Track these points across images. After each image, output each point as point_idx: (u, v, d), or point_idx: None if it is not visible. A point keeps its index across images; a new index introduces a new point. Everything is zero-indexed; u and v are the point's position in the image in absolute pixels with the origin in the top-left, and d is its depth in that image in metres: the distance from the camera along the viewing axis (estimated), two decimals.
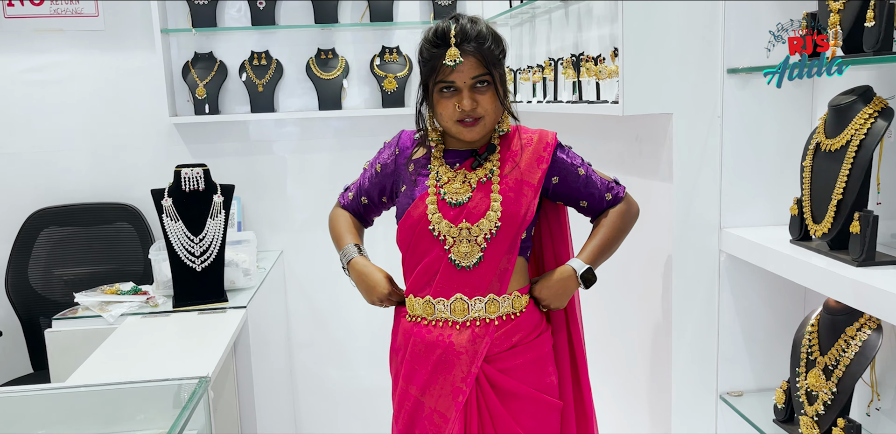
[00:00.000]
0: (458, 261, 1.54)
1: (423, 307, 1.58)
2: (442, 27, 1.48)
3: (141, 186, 2.92)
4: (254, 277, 2.48)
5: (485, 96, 1.50)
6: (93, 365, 1.83)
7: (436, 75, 1.49)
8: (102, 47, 2.90)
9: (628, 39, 1.68)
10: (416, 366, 1.57)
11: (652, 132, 1.84)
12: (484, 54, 1.47)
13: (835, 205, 1.39)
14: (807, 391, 1.47)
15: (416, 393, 1.57)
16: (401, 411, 1.62)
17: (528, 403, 1.56)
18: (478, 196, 1.54)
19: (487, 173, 1.56)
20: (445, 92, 1.50)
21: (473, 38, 1.47)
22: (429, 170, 1.58)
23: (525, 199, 1.54)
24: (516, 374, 1.56)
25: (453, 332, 1.54)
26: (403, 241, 1.60)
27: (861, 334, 1.39)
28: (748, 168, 1.73)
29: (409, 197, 1.59)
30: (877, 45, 1.24)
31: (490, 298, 1.54)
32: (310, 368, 3.22)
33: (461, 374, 1.52)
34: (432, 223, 1.54)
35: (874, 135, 1.34)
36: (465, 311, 1.54)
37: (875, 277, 1.27)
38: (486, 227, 1.52)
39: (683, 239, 1.76)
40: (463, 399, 1.52)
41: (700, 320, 1.79)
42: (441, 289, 1.55)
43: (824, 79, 1.68)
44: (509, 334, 1.56)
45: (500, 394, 1.55)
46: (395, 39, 3.05)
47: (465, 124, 1.51)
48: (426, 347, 1.56)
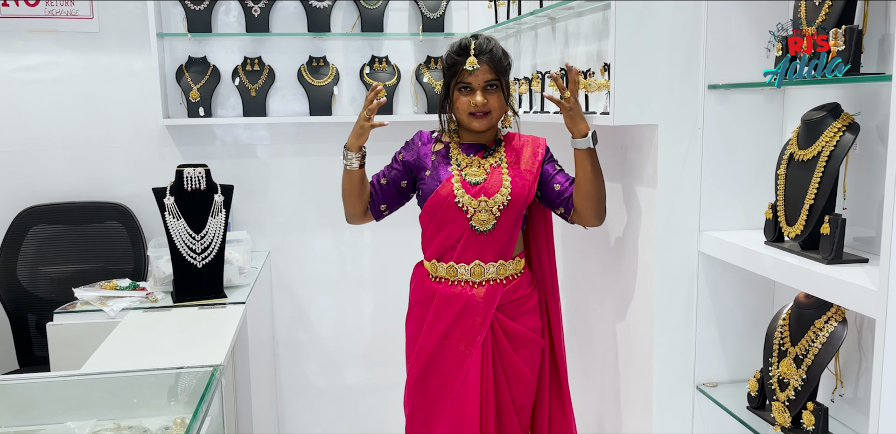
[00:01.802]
0: (477, 226, 1.95)
1: (447, 270, 1.99)
2: (464, 41, 1.92)
3: (132, 187, 2.98)
4: (248, 275, 2.56)
5: (493, 96, 1.94)
6: (103, 355, 1.88)
7: (457, 77, 1.92)
8: (96, 49, 2.95)
9: (619, 55, 1.82)
10: (440, 314, 1.98)
11: (638, 142, 1.99)
12: (495, 64, 1.92)
13: (807, 209, 1.54)
14: (779, 379, 1.62)
15: (437, 338, 1.98)
16: (418, 360, 2.02)
17: (525, 341, 2.01)
18: (492, 177, 1.97)
19: (497, 160, 2.00)
20: (463, 90, 1.93)
21: (488, 51, 1.91)
22: (449, 158, 2.00)
23: (527, 183, 1.98)
24: (520, 320, 2.01)
25: (472, 288, 1.98)
26: (430, 214, 1.98)
27: (828, 326, 1.54)
28: (725, 176, 1.88)
29: (436, 179, 1.98)
30: (847, 66, 1.40)
31: (500, 263, 1.98)
32: (293, 367, 3.28)
33: (480, 319, 1.96)
34: (458, 197, 1.94)
35: (842, 147, 1.49)
36: (482, 273, 1.97)
37: (843, 273, 1.42)
38: (499, 200, 1.95)
39: (665, 241, 1.90)
40: (481, 339, 1.96)
41: (679, 316, 1.94)
42: (462, 255, 1.96)
43: (794, 95, 1.85)
44: (514, 289, 2.00)
45: (508, 335, 1.99)
46: (385, 49, 3.16)
47: (476, 117, 1.94)
48: (451, 298, 1.97)
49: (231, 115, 3.07)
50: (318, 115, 3.06)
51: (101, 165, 3.00)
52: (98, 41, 2.95)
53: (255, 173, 3.14)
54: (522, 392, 2.03)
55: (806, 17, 1.55)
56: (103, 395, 1.69)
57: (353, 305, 3.31)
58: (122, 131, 3.01)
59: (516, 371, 2.00)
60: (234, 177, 3.05)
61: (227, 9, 3.02)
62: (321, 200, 3.18)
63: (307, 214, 3.20)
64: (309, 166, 3.17)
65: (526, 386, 2.03)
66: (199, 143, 3.07)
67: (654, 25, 1.83)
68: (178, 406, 1.65)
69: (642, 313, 2.01)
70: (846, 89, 1.64)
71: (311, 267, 3.23)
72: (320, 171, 3.17)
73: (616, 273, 2.16)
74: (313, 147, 3.17)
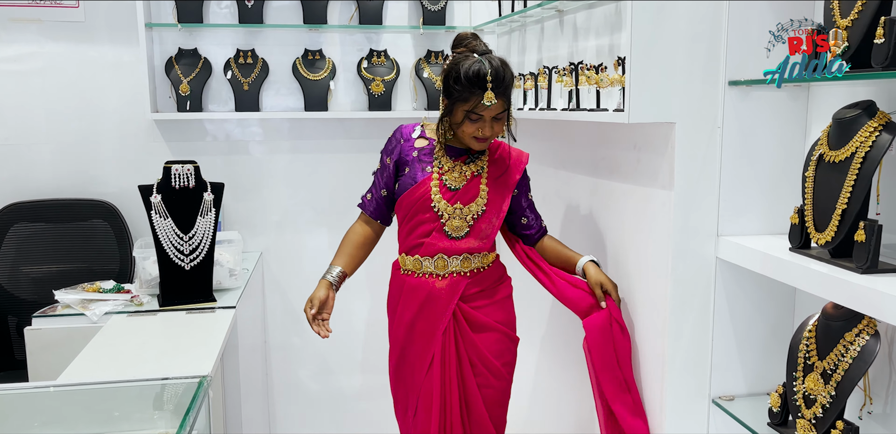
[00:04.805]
0: (450, 232, 1.98)
1: (412, 263, 2.02)
2: (481, 70, 1.86)
3: (118, 183, 2.87)
4: (239, 278, 2.45)
5: (499, 123, 1.95)
6: (82, 364, 1.77)
7: (469, 106, 1.88)
8: (82, 39, 2.84)
9: (635, 49, 1.72)
10: (407, 306, 2.03)
11: (653, 141, 1.88)
12: (508, 97, 1.92)
13: (839, 214, 1.44)
14: (804, 395, 1.52)
15: (405, 329, 2.02)
16: (393, 350, 2.08)
17: (494, 334, 2.04)
18: (470, 185, 1.99)
19: (478, 169, 2.02)
20: (473, 117, 1.91)
21: (503, 85, 1.88)
22: (433, 158, 2.00)
23: (502, 194, 2.02)
24: (484, 311, 2.03)
25: (436, 280, 2.00)
26: (404, 209, 2.00)
27: (859, 340, 1.44)
28: (746, 177, 1.78)
29: (412, 178, 1.99)
30: (885, 61, 1.30)
31: (464, 256, 2.00)
32: (286, 372, 3.18)
33: (441, 309, 1.99)
34: (434, 201, 1.96)
35: (879, 147, 1.39)
36: (445, 266, 1.99)
37: (879, 283, 1.32)
38: (474, 209, 1.98)
39: (681, 246, 1.80)
40: (443, 328, 1.98)
41: (695, 325, 1.84)
42: (427, 250, 1.99)
43: (820, 92, 1.76)
44: (478, 281, 2.02)
45: (472, 325, 2.01)
46: (384, 43, 3.05)
47: (479, 140, 1.95)
48: (415, 289, 2.01)
49: (223, 110, 2.96)
50: (314, 111, 2.95)
51: (87, 161, 2.88)
52: (84, 31, 2.83)
53: (248, 170, 3.03)
54: (493, 384, 2.03)
55: (840, 9, 1.45)
56: (82, 408, 1.58)
57: (347, 308, 3.20)
58: (108, 125, 2.89)
59: (483, 361, 2.01)
60: (225, 174, 2.94)
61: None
62: (315, 199, 3.08)
63: (301, 213, 3.09)
64: (303, 164, 3.06)
65: (497, 378, 2.03)
66: (189, 139, 2.95)
67: (672, 17, 1.72)
68: (163, 419, 1.55)
69: (656, 322, 1.91)
70: (879, 85, 1.54)
71: (306, 268, 3.12)
72: (315, 169, 3.07)
73: (629, 280, 2.06)
74: (308, 144, 3.06)
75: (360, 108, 3.05)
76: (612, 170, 2.12)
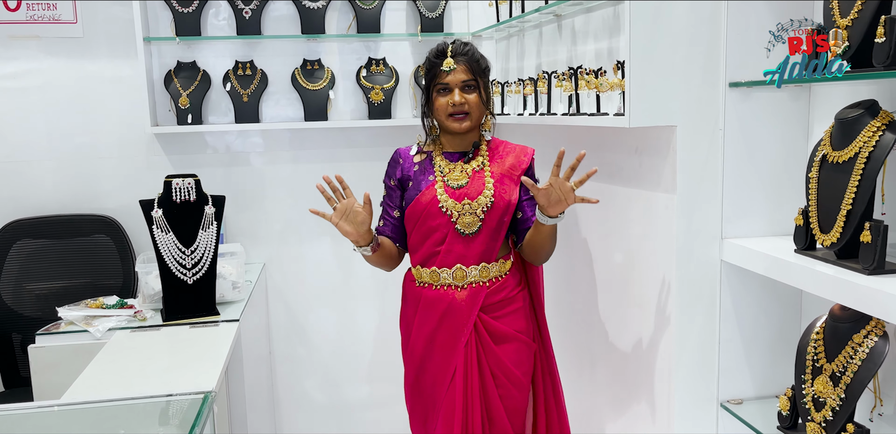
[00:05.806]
0: (462, 229, 1.95)
1: (430, 275, 1.98)
2: (441, 45, 1.96)
3: (120, 198, 2.86)
4: (242, 290, 2.43)
5: (471, 96, 1.94)
6: (86, 381, 1.76)
7: (435, 79, 1.94)
8: (80, 55, 2.84)
9: (635, 53, 1.71)
10: (426, 319, 1.98)
11: (655, 144, 1.87)
12: (471, 64, 1.94)
13: (844, 215, 1.43)
14: (814, 398, 1.50)
15: (425, 341, 1.98)
16: (411, 363, 2.04)
17: (514, 343, 2.00)
18: (474, 180, 1.98)
19: (479, 165, 2.00)
20: (442, 92, 1.94)
21: (464, 52, 1.95)
22: (433, 165, 2.01)
23: (509, 188, 1.98)
24: (504, 321, 2.00)
25: (455, 291, 1.96)
26: (412, 220, 1.98)
27: (868, 341, 1.42)
28: (748, 179, 1.77)
29: (417, 189, 1.99)
30: (887, 60, 1.29)
31: (482, 266, 1.96)
32: (291, 383, 3.16)
33: (463, 321, 1.95)
34: (441, 202, 1.95)
35: (883, 147, 1.38)
36: (464, 277, 1.96)
37: (886, 284, 1.30)
38: (483, 202, 1.95)
39: (685, 249, 1.79)
40: (464, 340, 1.95)
41: (702, 329, 1.82)
42: (445, 259, 1.95)
43: (822, 93, 1.74)
44: (497, 290, 1.99)
45: (493, 336, 1.98)
46: (382, 51, 3.05)
47: (455, 118, 1.94)
48: (435, 302, 1.97)
49: (223, 122, 2.96)
50: (314, 121, 2.94)
51: (88, 176, 2.88)
52: (82, 46, 2.83)
53: (249, 182, 3.02)
54: (514, 395, 2.00)
55: (839, 8, 1.44)
56: (87, 426, 1.57)
57: (352, 318, 3.19)
58: (108, 140, 2.89)
59: (504, 372, 1.99)
60: (226, 186, 2.94)
61: (216, 11, 2.91)
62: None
63: (303, 224, 3.08)
64: (304, 174, 3.05)
65: (517, 388, 2.00)
66: (190, 152, 2.95)
67: (671, 20, 1.71)
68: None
69: (662, 326, 1.89)
70: (880, 85, 1.53)
71: (309, 278, 3.11)
72: (316, 178, 3.02)
73: (633, 283, 2.04)
74: (309, 153, 3.05)
75: (360, 117, 3.04)
76: (613, 174, 2.10)
